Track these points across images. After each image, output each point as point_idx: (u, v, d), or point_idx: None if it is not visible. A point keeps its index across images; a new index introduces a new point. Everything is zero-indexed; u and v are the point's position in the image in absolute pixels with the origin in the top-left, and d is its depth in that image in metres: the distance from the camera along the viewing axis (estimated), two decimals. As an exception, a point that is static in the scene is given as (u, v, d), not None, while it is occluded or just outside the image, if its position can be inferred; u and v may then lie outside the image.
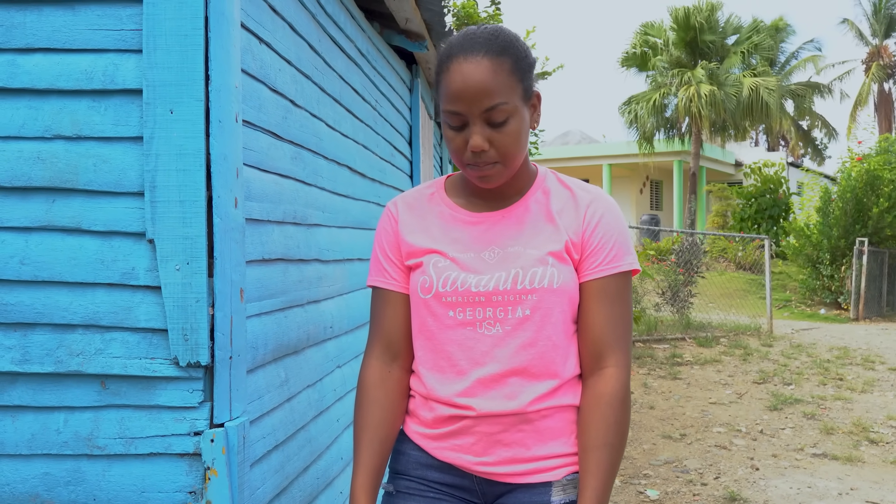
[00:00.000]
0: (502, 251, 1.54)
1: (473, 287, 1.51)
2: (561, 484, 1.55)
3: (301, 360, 2.22)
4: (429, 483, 1.59)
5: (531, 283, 1.50)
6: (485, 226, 1.58)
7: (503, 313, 1.51)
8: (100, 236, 1.64)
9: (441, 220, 1.61)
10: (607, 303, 1.54)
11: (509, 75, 1.45)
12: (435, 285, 1.53)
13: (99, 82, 1.63)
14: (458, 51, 1.46)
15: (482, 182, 1.52)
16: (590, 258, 1.55)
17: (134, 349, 1.65)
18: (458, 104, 1.45)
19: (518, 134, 1.48)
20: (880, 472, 5.40)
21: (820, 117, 33.82)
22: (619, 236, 1.57)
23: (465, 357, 1.53)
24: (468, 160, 1.49)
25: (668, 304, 12.41)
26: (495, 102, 1.43)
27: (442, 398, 1.55)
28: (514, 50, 1.48)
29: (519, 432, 1.52)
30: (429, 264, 1.56)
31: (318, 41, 2.49)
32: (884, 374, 9.31)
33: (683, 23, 24.15)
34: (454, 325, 1.53)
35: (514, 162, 1.51)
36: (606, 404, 1.51)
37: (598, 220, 1.56)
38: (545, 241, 1.54)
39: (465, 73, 1.44)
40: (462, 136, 1.48)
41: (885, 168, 16.06)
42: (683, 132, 24.97)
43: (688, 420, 6.90)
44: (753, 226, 22.58)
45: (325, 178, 2.54)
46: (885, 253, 16.73)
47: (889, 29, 34.36)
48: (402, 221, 1.63)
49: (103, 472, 1.66)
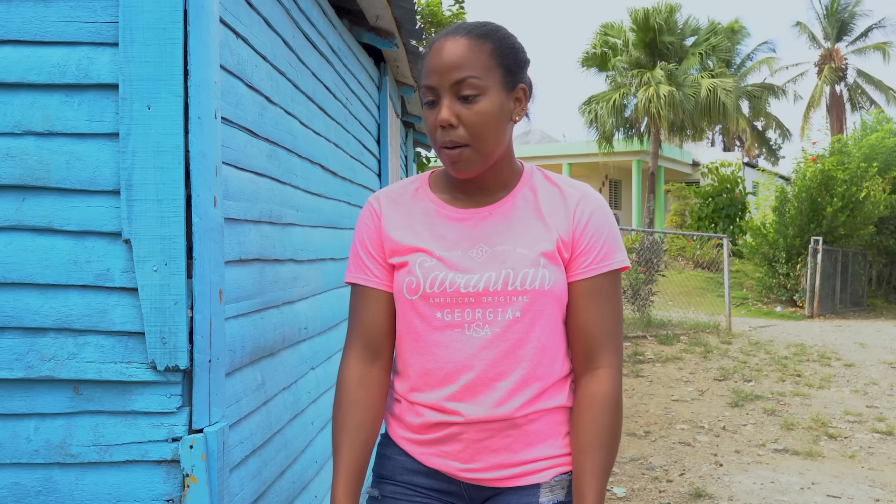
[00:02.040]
0: (490, 249, 1.51)
1: (462, 287, 1.48)
2: (549, 485, 1.53)
3: (277, 362, 2.17)
4: (415, 488, 1.56)
5: (522, 285, 1.47)
6: (471, 222, 1.54)
7: (493, 315, 1.48)
8: (73, 236, 1.58)
9: (426, 216, 1.57)
10: (599, 302, 1.52)
11: (488, 57, 1.46)
12: (422, 286, 1.49)
13: (72, 76, 1.57)
14: (443, 35, 1.49)
15: (455, 169, 1.49)
16: (580, 257, 1.52)
17: (109, 353, 1.59)
18: (432, 77, 1.46)
19: (489, 115, 1.45)
20: (839, 467, 5.50)
21: (774, 118, 34.50)
22: (609, 234, 1.54)
23: (452, 360, 1.49)
24: (439, 139, 1.47)
25: (629, 303, 12.51)
26: (466, 74, 1.43)
27: (429, 403, 1.51)
28: (497, 37, 1.48)
29: (506, 438, 1.50)
30: (415, 264, 1.51)
31: (293, 37, 2.44)
32: (839, 370, 9.50)
33: (643, 24, 24.40)
34: (442, 326, 1.49)
35: (485, 146, 1.47)
36: (600, 405, 1.49)
37: (588, 218, 1.54)
38: (536, 240, 1.51)
39: (442, 50, 1.46)
40: (434, 114, 1.47)
41: (838, 169, 16.43)
42: (642, 132, 25.22)
43: (651, 417, 6.95)
44: (711, 225, 22.91)
45: (299, 177, 2.49)
46: (839, 251, 17.10)
47: (840, 32, 35.11)
48: (385, 217, 1.58)
49: (76, 481, 1.60)
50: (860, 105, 34.98)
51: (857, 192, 16.40)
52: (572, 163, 28.38)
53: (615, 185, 32.71)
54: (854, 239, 17.38)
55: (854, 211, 16.55)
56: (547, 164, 28.46)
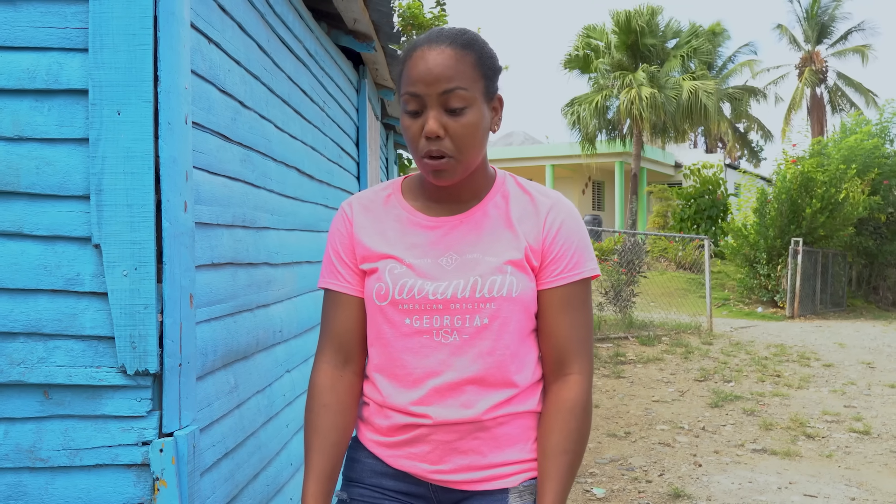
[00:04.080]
0: (460, 257, 1.52)
1: (431, 294, 1.49)
2: (517, 490, 1.54)
3: (251, 365, 2.18)
4: (384, 491, 1.57)
5: (490, 292, 1.48)
6: (442, 230, 1.55)
7: (461, 321, 1.49)
8: (43, 241, 1.58)
9: (398, 223, 1.58)
10: (570, 310, 1.53)
11: (472, 68, 1.46)
12: (391, 292, 1.51)
13: (42, 81, 1.57)
14: (424, 42, 1.48)
15: (436, 178, 1.50)
16: (551, 265, 1.54)
17: (79, 357, 1.59)
18: (418, 86, 1.45)
19: (475, 128, 1.47)
20: (817, 466, 5.55)
21: (756, 120, 34.70)
22: (579, 242, 1.56)
23: (420, 365, 1.50)
24: (423, 149, 1.48)
25: (611, 304, 12.57)
26: (454, 85, 1.44)
27: (397, 406, 1.53)
28: (478, 47, 1.49)
29: (475, 440, 1.51)
30: (384, 270, 1.53)
31: (267, 41, 2.45)
32: (819, 371, 9.59)
33: (625, 26, 24.51)
34: (411, 332, 1.51)
35: (468, 158, 1.49)
36: (568, 411, 1.51)
37: (559, 226, 1.55)
38: (504, 248, 1.52)
39: (427, 58, 1.45)
40: (419, 123, 1.47)
41: (818, 170, 16.57)
42: (625, 134, 25.34)
43: (632, 418, 6.99)
44: (693, 226, 23.06)
45: (274, 181, 2.50)
46: (819, 252, 17.26)
47: (821, 35, 35.42)
48: (356, 223, 1.59)
49: (46, 486, 1.60)
50: (840, 107, 35.30)
51: (837, 194, 16.54)
52: (555, 164, 28.48)
53: (598, 187, 32.85)
54: (834, 240, 17.53)
55: (833, 212, 16.70)
56: (530, 165, 28.58)
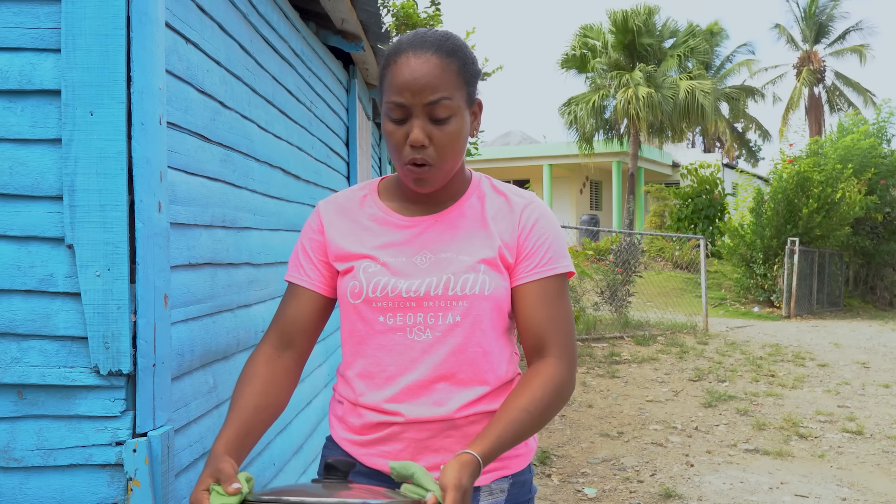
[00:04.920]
0: (434, 256, 1.53)
1: (404, 292, 1.50)
2: (489, 488, 1.56)
3: (231, 365, 2.18)
4: (357, 490, 1.57)
5: (462, 290, 1.50)
6: (417, 229, 1.57)
7: (434, 319, 1.50)
8: (16, 241, 1.58)
9: (373, 222, 1.59)
10: (545, 302, 1.54)
11: (456, 76, 1.47)
12: (365, 290, 1.52)
13: (15, 82, 1.57)
14: (408, 47, 1.47)
15: (418, 185, 1.51)
16: (525, 261, 1.55)
17: (52, 357, 1.59)
18: (404, 95, 1.44)
19: (458, 136, 1.49)
20: (809, 466, 5.56)
21: (754, 120, 34.77)
22: (554, 239, 1.57)
23: (393, 363, 1.51)
24: (407, 156, 1.48)
25: (606, 304, 12.58)
26: (440, 95, 1.44)
27: (370, 404, 1.53)
28: (462, 54, 1.49)
29: (447, 438, 1.52)
30: (359, 269, 1.54)
31: (250, 41, 2.45)
32: (813, 370, 9.60)
33: (622, 26, 24.50)
34: (384, 330, 1.52)
35: (449, 165, 1.51)
36: (539, 380, 1.48)
37: (534, 223, 1.57)
38: (478, 247, 1.54)
39: (412, 66, 1.44)
40: (403, 130, 1.47)
41: (814, 170, 16.58)
42: (622, 133, 25.34)
43: (625, 418, 7.00)
44: (690, 226, 23.06)
45: (256, 181, 2.50)
46: (815, 252, 17.27)
47: (819, 35, 35.45)
48: (329, 224, 1.61)
49: (20, 486, 1.60)
50: (838, 107, 35.33)
51: (833, 194, 16.56)
52: (553, 164, 28.47)
53: (596, 187, 32.85)
54: (830, 240, 17.54)
55: (830, 212, 16.71)
56: (527, 165, 28.58)
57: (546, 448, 5.91)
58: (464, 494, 1.24)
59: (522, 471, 1.62)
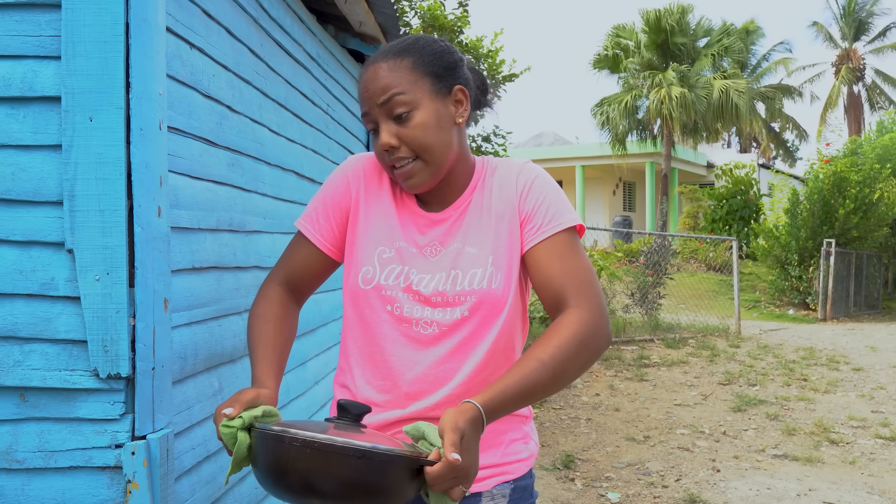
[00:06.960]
0: (444, 249, 1.54)
1: (415, 285, 1.51)
2: (490, 494, 1.54)
3: (238, 368, 2.19)
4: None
5: (470, 284, 1.50)
6: (428, 221, 1.58)
7: (441, 314, 1.50)
8: (18, 246, 1.61)
9: (394, 206, 1.61)
10: (559, 258, 1.50)
11: (409, 71, 1.50)
12: (377, 277, 1.53)
13: (17, 89, 1.59)
14: (366, 63, 1.54)
15: (408, 186, 1.53)
16: (528, 223, 1.54)
17: (54, 361, 1.61)
18: (364, 105, 1.52)
19: (426, 127, 1.49)
20: (839, 473, 5.46)
21: (791, 119, 34.23)
22: (554, 197, 1.56)
23: (398, 357, 1.52)
24: (387, 162, 1.52)
25: (637, 306, 12.48)
26: (391, 93, 1.48)
27: (372, 399, 1.54)
28: (416, 49, 1.52)
29: None
30: (374, 254, 1.55)
31: (260, 45, 2.46)
32: (847, 375, 9.42)
33: (654, 25, 24.31)
34: (391, 320, 1.52)
35: (433, 157, 1.51)
36: (555, 329, 1.43)
37: (531, 185, 1.57)
38: (486, 239, 1.54)
39: (365, 79, 1.53)
40: (377, 140, 1.51)
41: (851, 170, 16.28)
42: (655, 134, 25.13)
43: (652, 422, 6.93)
44: (724, 227, 22.78)
45: (267, 184, 2.51)
46: (852, 254, 16.95)
47: (858, 32, 34.86)
48: (365, 192, 1.62)
49: (22, 487, 1.62)
50: (879, 105, 34.73)
51: (871, 194, 16.25)
52: (585, 165, 28.34)
53: (629, 188, 32.61)
54: (868, 241, 17.21)
55: (867, 213, 16.40)
56: (560, 166, 28.45)
57: (570, 452, 5.87)
58: (461, 436, 1.24)
59: (524, 476, 1.61)
